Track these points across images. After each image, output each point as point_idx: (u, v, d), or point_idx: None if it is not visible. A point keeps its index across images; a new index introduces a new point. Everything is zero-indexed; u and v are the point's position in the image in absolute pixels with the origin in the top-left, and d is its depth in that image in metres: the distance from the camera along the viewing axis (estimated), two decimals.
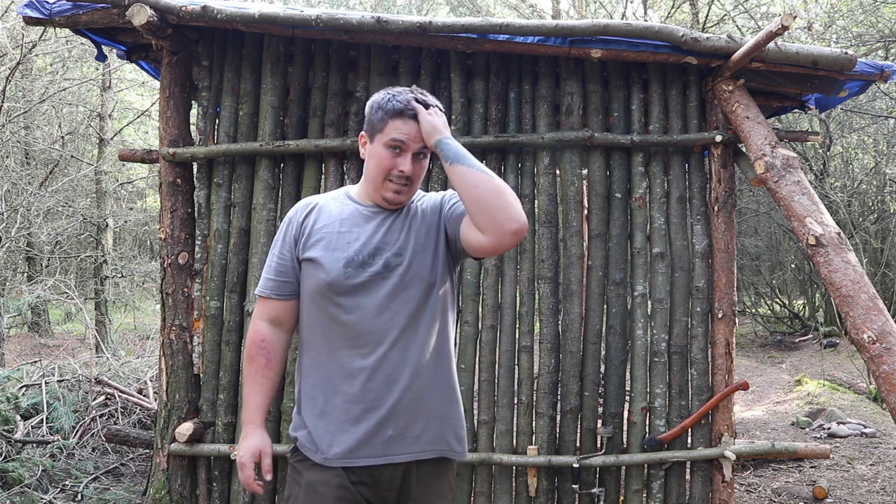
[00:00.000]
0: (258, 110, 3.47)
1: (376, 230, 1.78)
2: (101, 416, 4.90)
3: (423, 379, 1.76)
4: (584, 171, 3.49)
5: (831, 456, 4.36)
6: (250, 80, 3.47)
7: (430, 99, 1.78)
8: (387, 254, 1.75)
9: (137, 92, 13.77)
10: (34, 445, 4.33)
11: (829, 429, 5.47)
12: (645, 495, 3.38)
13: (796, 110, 4.05)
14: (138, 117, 12.83)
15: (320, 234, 1.78)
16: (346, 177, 3.43)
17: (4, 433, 4.24)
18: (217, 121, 3.50)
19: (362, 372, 1.73)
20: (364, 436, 1.72)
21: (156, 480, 3.39)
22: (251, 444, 1.79)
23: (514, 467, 3.35)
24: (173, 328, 3.43)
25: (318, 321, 1.78)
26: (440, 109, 1.79)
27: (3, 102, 8.12)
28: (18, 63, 8.25)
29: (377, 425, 1.73)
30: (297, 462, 1.81)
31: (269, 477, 1.79)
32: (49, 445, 4.37)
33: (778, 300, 12.41)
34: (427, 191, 3.39)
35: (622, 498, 3.41)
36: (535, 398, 3.39)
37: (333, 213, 1.81)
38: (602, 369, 3.43)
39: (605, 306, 3.41)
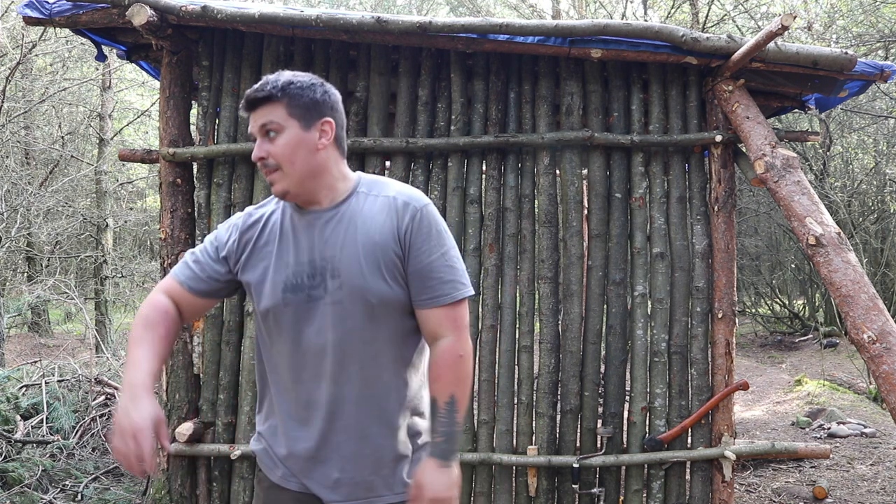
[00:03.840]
0: None
1: (314, 243, 1.60)
2: (101, 416, 4.90)
3: (363, 417, 1.60)
4: (584, 171, 3.49)
5: (831, 456, 4.36)
6: (250, 80, 3.47)
7: (275, 82, 1.54)
8: (326, 274, 1.57)
9: (137, 92, 13.77)
10: (34, 445, 4.33)
11: (829, 429, 5.47)
12: (645, 495, 3.38)
13: (796, 110, 4.05)
14: (138, 117, 12.82)
15: (261, 253, 1.63)
16: None
17: (4, 433, 4.24)
18: (217, 121, 3.51)
19: (301, 404, 1.61)
20: (310, 470, 1.62)
21: (156, 480, 3.39)
22: (149, 409, 1.41)
23: (514, 467, 3.35)
24: None
25: (264, 341, 1.67)
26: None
27: (3, 102, 8.12)
28: (18, 63, 8.26)
29: (314, 462, 1.61)
30: (258, 480, 1.72)
31: (167, 444, 1.46)
32: (49, 445, 4.36)
33: (778, 300, 12.41)
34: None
35: (622, 498, 3.41)
36: (535, 398, 3.39)
37: (274, 228, 1.65)
38: (602, 369, 3.43)
39: (605, 306, 3.41)
